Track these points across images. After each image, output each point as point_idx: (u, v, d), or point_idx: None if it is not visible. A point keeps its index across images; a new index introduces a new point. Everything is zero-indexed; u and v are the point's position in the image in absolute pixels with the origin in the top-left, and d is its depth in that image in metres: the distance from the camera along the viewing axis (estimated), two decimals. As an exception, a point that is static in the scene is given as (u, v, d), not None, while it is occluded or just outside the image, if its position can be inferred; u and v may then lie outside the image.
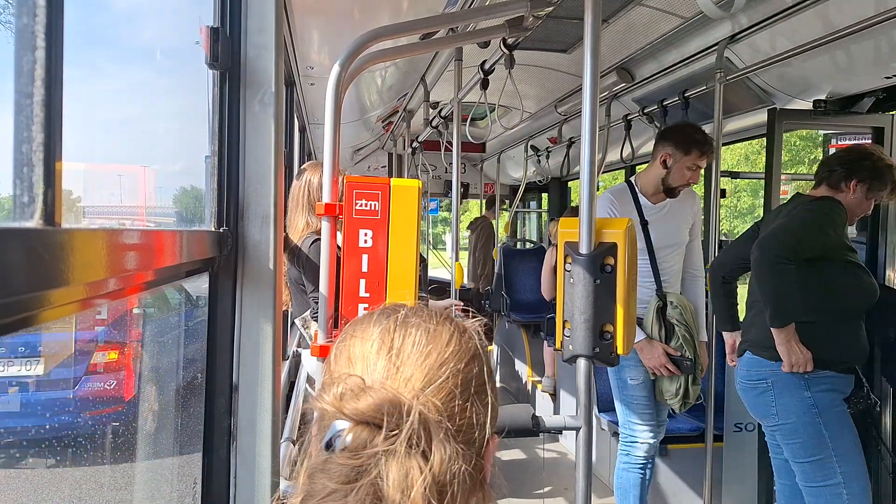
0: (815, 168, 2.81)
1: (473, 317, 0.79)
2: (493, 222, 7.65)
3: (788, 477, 2.68)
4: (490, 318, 6.82)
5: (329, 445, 0.63)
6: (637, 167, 5.23)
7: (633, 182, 3.03)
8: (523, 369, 5.99)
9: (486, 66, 3.31)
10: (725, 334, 2.89)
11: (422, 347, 0.70)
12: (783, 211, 2.67)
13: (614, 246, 1.72)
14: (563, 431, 1.97)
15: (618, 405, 3.05)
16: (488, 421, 0.71)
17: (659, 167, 2.92)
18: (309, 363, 2.59)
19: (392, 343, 0.70)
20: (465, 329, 0.74)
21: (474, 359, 0.72)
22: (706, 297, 3.10)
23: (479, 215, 8.05)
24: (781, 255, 2.40)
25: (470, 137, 4.29)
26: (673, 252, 3.01)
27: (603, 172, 5.62)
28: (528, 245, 7.94)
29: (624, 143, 4.38)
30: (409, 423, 0.62)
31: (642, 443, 2.98)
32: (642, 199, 2.98)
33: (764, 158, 3.40)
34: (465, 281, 7.62)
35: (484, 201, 8.00)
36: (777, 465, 2.73)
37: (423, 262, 7.10)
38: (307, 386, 2.73)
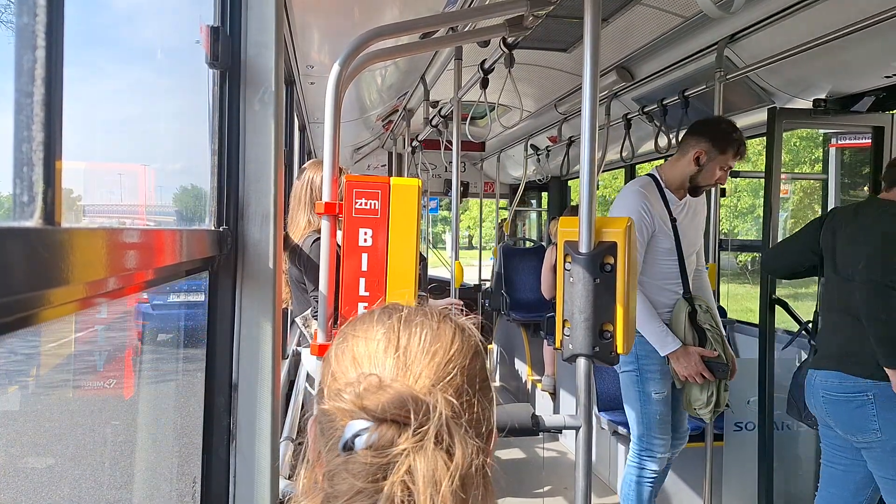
0: (816, 168, 2.79)
1: (468, 315, 0.79)
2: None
3: (840, 486, 2.55)
4: (490, 317, 6.83)
5: (346, 446, 0.63)
6: (636, 166, 5.24)
7: (656, 176, 2.81)
8: (523, 368, 5.99)
9: (486, 66, 3.31)
10: None
11: (428, 346, 0.70)
12: (860, 219, 2.45)
13: (614, 245, 1.73)
14: (563, 431, 1.97)
15: (635, 417, 2.86)
16: (493, 415, 0.73)
17: (690, 163, 2.73)
18: (309, 362, 2.59)
19: (398, 342, 0.70)
20: (465, 327, 0.75)
21: (476, 355, 0.73)
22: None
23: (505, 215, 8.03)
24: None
25: (470, 136, 4.29)
26: (693, 252, 2.87)
27: (603, 171, 5.62)
28: (527, 244, 7.93)
29: (624, 142, 4.38)
30: (437, 419, 0.62)
31: (660, 457, 2.83)
32: (669, 195, 2.78)
33: (763, 160, 3.40)
34: (490, 279, 7.63)
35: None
36: (829, 475, 2.60)
37: (422, 261, 7.10)
38: (307, 385, 2.73)
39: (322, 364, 0.76)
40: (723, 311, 3.97)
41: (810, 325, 2.99)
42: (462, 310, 0.81)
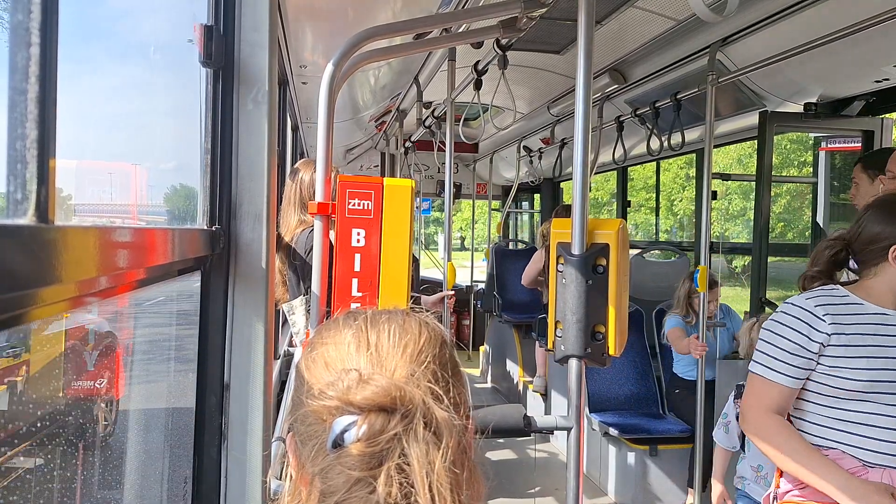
0: (805, 171, 2.79)
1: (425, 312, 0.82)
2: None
3: None
4: (482, 318, 6.82)
5: (335, 444, 0.64)
6: (629, 168, 5.25)
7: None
8: (514, 369, 5.99)
9: (480, 67, 3.31)
10: None
11: (397, 340, 0.72)
12: None
13: (606, 247, 1.73)
14: (555, 431, 1.97)
15: None
16: (468, 398, 0.76)
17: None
18: (300, 362, 2.58)
19: (369, 341, 0.72)
20: (427, 320, 0.78)
21: (444, 344, 0.76)
22: None
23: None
24: None
25: (463, 137, 4.28)
26: None
27: (595, 173, 5.63)
28: (520, 245, 7.95)
29: (616, 145, 4.39)
30: (422, 403, 0.65)
31: None
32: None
33: (755, 161, 3.42)
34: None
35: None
36: None
37: (415, 262, 7.09)
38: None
39: (294, 378, 0.77)
40: (713, 313, 3.99)
41: None
42: (422, 307, 0.83)
